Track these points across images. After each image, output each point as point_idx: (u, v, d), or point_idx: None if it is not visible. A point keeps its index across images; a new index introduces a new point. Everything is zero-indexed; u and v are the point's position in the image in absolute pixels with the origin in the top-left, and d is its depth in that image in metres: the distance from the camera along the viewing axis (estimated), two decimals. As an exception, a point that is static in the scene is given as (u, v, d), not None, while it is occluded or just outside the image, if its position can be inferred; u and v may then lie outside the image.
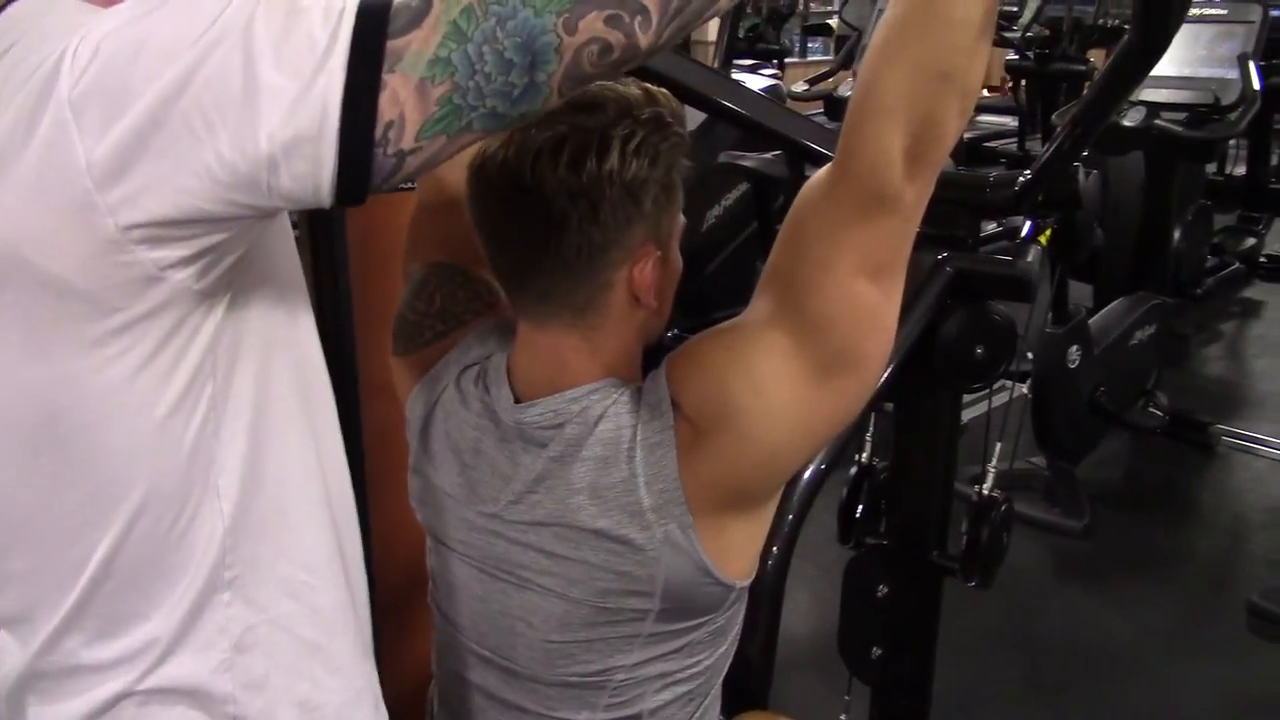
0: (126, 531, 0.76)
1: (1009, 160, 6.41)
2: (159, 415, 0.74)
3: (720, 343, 0.98)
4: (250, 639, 0.82)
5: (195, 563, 0.79)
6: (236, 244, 0.73)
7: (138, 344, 0.72)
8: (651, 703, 1.06)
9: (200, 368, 0.75)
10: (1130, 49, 1.19)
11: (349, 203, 0.70)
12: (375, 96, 0.66)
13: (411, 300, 1.17)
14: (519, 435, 1.02)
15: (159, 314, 0.71)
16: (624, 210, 0.95)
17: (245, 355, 0.79)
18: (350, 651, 0.90)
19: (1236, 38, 3.79)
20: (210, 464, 0.78)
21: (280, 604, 0.84)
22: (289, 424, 0.84)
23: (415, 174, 0.71)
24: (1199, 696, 2.59)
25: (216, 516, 0.79)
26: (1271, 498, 3.55)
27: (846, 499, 1.76)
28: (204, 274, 0.72)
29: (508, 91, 0.68)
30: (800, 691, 2.30)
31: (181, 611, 0.79)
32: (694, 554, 0.98)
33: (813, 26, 8.80)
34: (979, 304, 1.53)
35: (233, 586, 0.81)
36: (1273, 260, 5.70)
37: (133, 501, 0.76)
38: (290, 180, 0.67)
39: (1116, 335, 3.48)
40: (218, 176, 0.66)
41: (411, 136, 0.68)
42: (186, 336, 0.74)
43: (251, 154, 0.65)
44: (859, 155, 0.87)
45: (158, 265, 0.69)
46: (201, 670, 0.81)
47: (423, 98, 0.67)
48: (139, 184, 0.66)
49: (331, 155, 0.66)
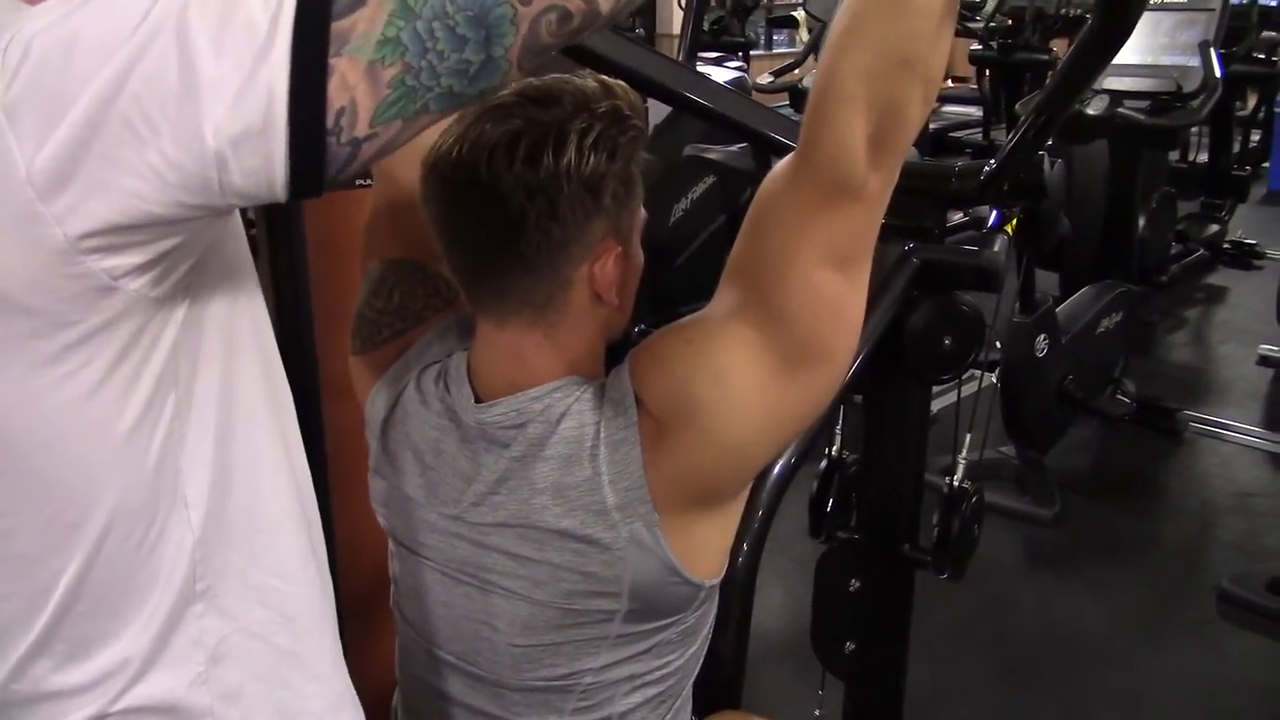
0: (95, 551, 0.74)
1: (974, 150, 6.45)
2: (122, 429, 0.72)
3: (683, 337, 0.96)
4: (224, 649, 0.80)
5: (166, 577, 0.76)
6: (191, 247, 0.70)
7: (96, 357, 0.69)
8: (621, 706, 1.04)
9: (162, 377, 0.72)
10: (1093, 36, 1.19)
11: (305, 195, 0.66)
12: (323, 83, 0.62)
13: (369, 298, 1.14)
14: (481, 435, 1.00)
15: (116, 325, 0.68)
16: (583, 206, 0.93)
17: (207, 360, 0.76)
18: (328, 657, 0.88)
19: (1197, 25, 3.82)
20: (177, 474, 0.75)
21: (253, 612, 0.81)
22: (256, 427, 0.82)
23: (373, 160, 0.68)
24: (1170, 682, 2.61)
25: (185, 528, 0.76)
26: (1238, 483, 3.58)
27: (817, 493, 1.75)
28: (160, 281, 0.69)
29: (464, 69, 0.65)
30: (773, 688, 2.29)
31: (154, 628, 0.77)
32: (661, 553, 0.96)
33: (778, 19, 8.80)
34: (946, 295, 1.53)
35: (205, 597, 0.78)
36: (1236, 246, 5.78)
37: (99, 520, 0.73)
38: (241, 176, 0.64)
39: (1084, 323, 3.50)
40: (166, 177, 0.63)
41: (365, 123, 0.65)
42: (146, 346, 0.71)
43: (198, 152, 0.62)
44: (821, 144, 0.86)
45: (111, 275, 0.66)
46: (178, 685, 0.78)
47: (374, 81, 0.64)
48: (84, 191, 0.63)
49: (282, 147, 0.63)
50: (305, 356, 1.64)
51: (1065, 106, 1.35)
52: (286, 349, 0.91)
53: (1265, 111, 6.78)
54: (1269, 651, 2.75)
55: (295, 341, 1.64)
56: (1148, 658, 2.70)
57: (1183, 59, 3.80)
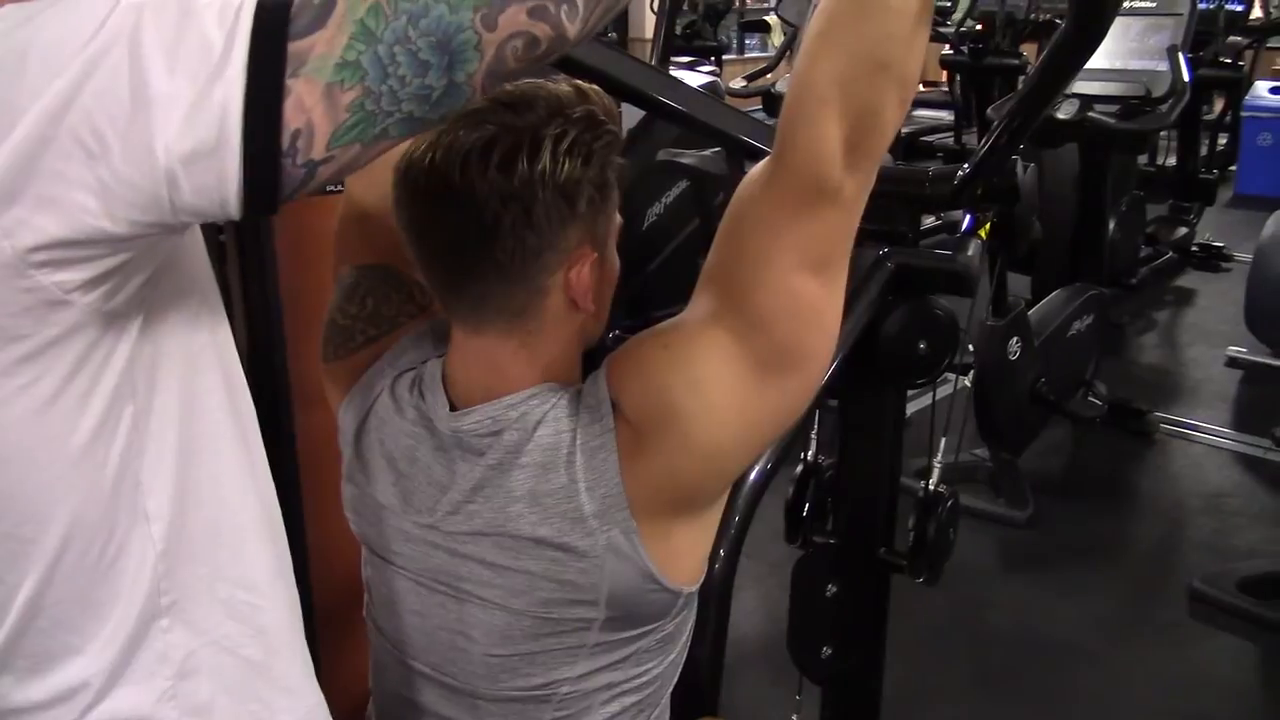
0: (53, 565, 0.72)
1: (945, 154, 6.48)
2: (78, 442, 0.70)
3: (659, 342, 0.96)
4: (193, 664, 0.78)
5: (128, 591, 0.75)
6: (144, 263, 0.69)
7: (49, 371, 0.68)
8: (599, 715, 1.03)
9: (118, 390, 0.71)
10: (1066, 39, 1.19)
11: (259, 215, 0.66)
12: (279, 104, 0.61)
13: (342, 304, 1.13)
14: (456, 444, 0.99)
15: (69, 339, 0.67)
16: (558, 212, 0.92)
17: (166, 372, 0.75)
18: (298, 670, 0.87)
19: (1166, 30, 3.86)
20: (137, 488, 0.74)
21: (222, 625, 0.80)
22: (219, 440, 0.80)
23: (330, 182, 0.67)
24: (1143, 681, 2.63)
25: (147, 541, 0.75)
26: (1208, 483, 3.61)
27: (793, 497, 1.75)
28: (112, 295, 0.68)
29: (425, 95, 0.65)
30: (750, 693, 2.29)
31: (118, 643, 0.75)
32: (638, 560, 0.95)
33: (750, 23, 8.84)
34: (921, 299, 1.53)
35: (170, 612, 0.77)
36: (1204, 249, 5.84)
37: (56, 534, 0.72)
38: (193, 194, 0.62)
39: (1055, 326, 3.52)
40: (116, 194, 0.61)
41: (322, 146, 0.64)
42: (100, 360, 0.70)
43: (149, 168, 0.61)
44: (797, 147, 0.85)
45: (61, 289, 0.65)
46: (144, 701, 0.77)
47: (331, 104, 0.62)
48: (33, 205, 0.61)
49: (235, 168, 0.62)
50: (276, 365, 1.63)
51: (1039, 110, 1.35)
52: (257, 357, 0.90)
53: (1232, 116, 6.88)
54: (1240, 650, 2.78)
55: (266, 349, 1.62)
56: (1120, 658, 2.72)
57: (1151, 64, 3.85)
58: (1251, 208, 6.66)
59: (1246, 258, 4.60)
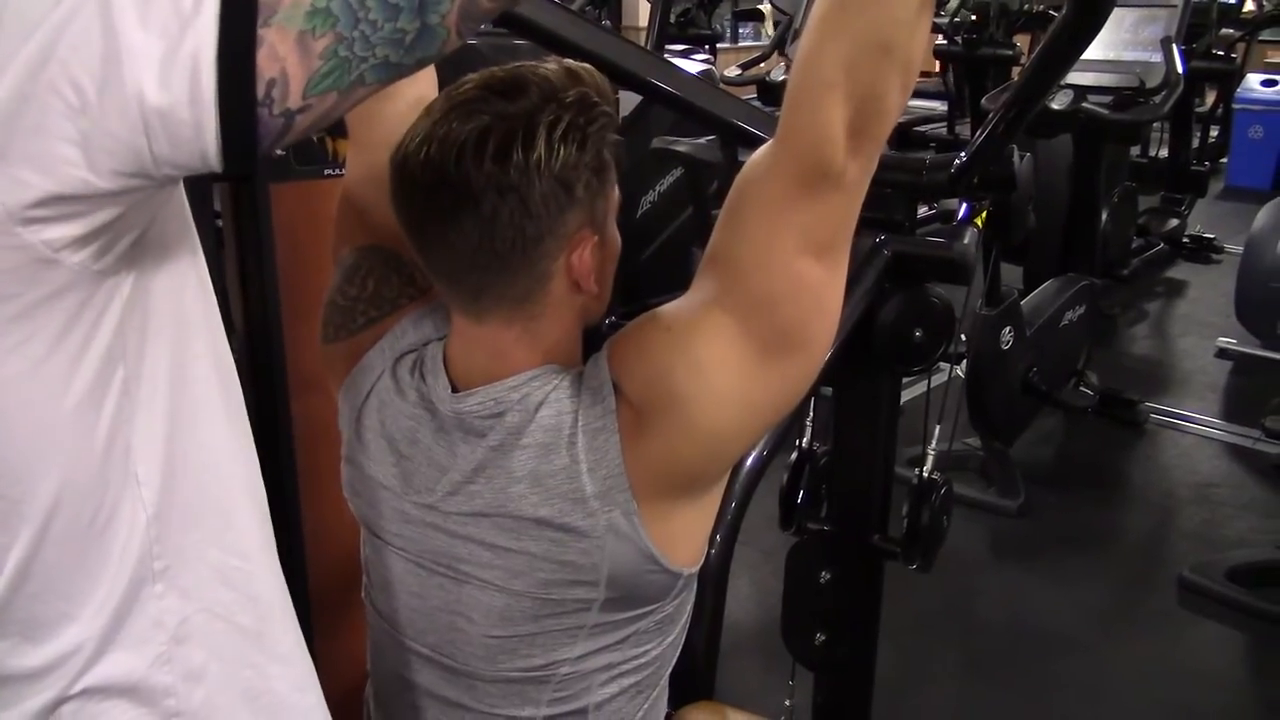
0: (43, 529, 0.72)
1: (939, 144, 6.48)
2: (69, 405, 0.70)
3: (661, 324, 0.96)
4: (186, 630, 0.78)
5: (119, 555, 0.75)
6: (132, 221, 0.69)
7: (39, 332, 0.67)
8: (598, 696, 1.04)
9: (109, 352, 0.71)
10: (1065, 27, 1.19)
11: (240, 168, 0.65)
12: (252, 53, 0.61)
13: (343, 285, 1.13)
14: (458, 425, 0.99)
15: (58, 298, 0.67)
16: (556, 200, 0.92)
17: (156, 336, 0.75)
18: (291, 638, 0.87)
19: (1159, 21, 3.87)
20: (128, 451, 0.74)
21: (215, 592, 0.80)
22: (207, 407, 0.80)
23: (310, 131, 0.67)
24: (1133, 669, 2.64)
25: (138, 505, 0.75)
26: (1198, 473, 3.63)
27: (787, 484, 1.75)
28: (102, 254, 0.68)
29: (398, 38, 0.64)
30: (744, 679, 2.30)
31: (110, 608, 0.75)
32: (639, 541, 0.95)
33: (744, 11, 8.82)
34: (917, 287, 1.53)
35: (164, 577, 0.77)
36: (1195, 240, 5.86)
37: (46, 497, 0.71)
38: (171, 147, 0.62)
39: (1048, 316, 3.53)
40: (97, 145, 0.61)
41: (298, 94, 0.63)
42: (91, 320, 0.69)
43: (127, 120, 0.61)
44: (800, 130, 0.85)
45: (50, 247, 0.64)
46: (138, 666, 0.77)
47: (305, 52, 0.62)
48: (18, 161, 0.61)
49: (211, 119, 0.62)
50: (273, 348, 1.62)
51: (1036, 99, 1.36)
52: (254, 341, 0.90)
53: (1224, 108, 6.90)
54: (1229, 639, 2.80)
55: (263, 333, 1.62)
56: (1110, 646, 2.73)
57: (1145, 55, 3.85)
58: (1242, 200, 6.69)
59: (1237, 249, 4.63)
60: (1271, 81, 7.41)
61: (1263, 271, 4.12)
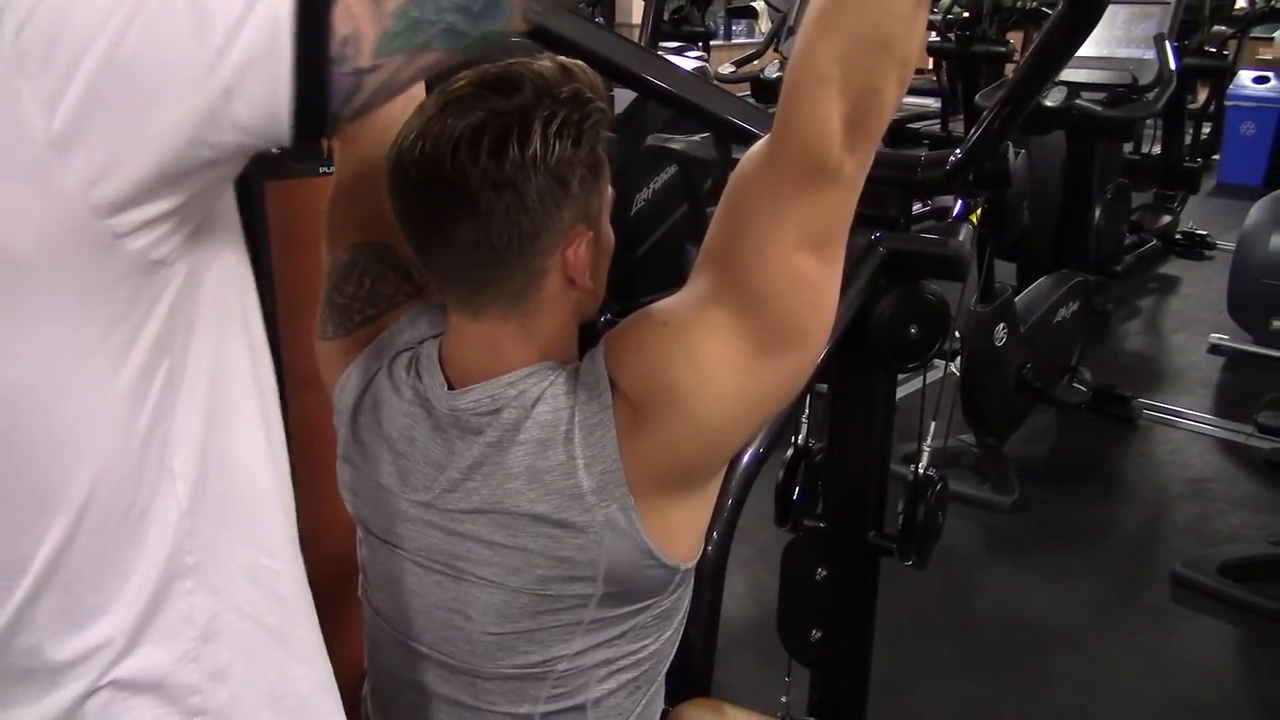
0: (78, 518, 0.72)
1: (932, 141, 6.49)
2: (115, 393, 0.70)
3: (658, 319, 0.96)
4: (215, 627, 0.78)
5: (152, 549, 0.75)
6: (195, 209, 0.69)
7: (93, 318, 0.68)
8: (595, 692, 1.04)
9: (158, 343, 0.71)
10: (1060, 23, 1.19)
11: (310, 133, 0.66)
12: (328, 10, 0.62)
13: (339, 283, 1.13)
14: (454, 423, 0.99)
15: (115, 285, 0.67)
16: (551, 196, 0.92)
17: (202, 331, 0.75)
18: (313, 639, 0.87)
19: (1152, 18, 3.87)
20: (165, 444, 0.74)
21: (244, 591, 0.80)
22: (244, 404, 0.80)
23: (376, 97, 0.68)
24: (1126, 664, 2.65)
25: (172, 499, 0.75)
26: (1191, 468, 3.64)
27: (783, 481, 1.75)
28: (162, 242, 0.68)
29: (467, 6, 0.66)
30: (740, 675, 2.30)
31: (142, 601, 0.75)
32: (636, 536, 0.96)
33: (737, 9, 8.82)
34: (913, 284, 1.53)
35: (195, 573, 0.77)
36: (1188, 237, 5.88)
37: (84, 484, 0.71)
38: (246, 107, 0.63)
39: (1041, 313, 3.54)
40: (176, 114, 0.62)
41: (369, 53, 0.65)
42: (143, 310, 0.70)
43: (205, 84, 0.62)
44: (798, 125, 0.85)
45: (115, 232, 0.65)
46: (164, 661, 0.77)
47: (378, 11, 0.64)
48: (95, 135, 0.62)
49: (287, 75, 0.63)
50: (269, 346, 1.62)
51: (1032, 95, 1.36)
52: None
53: (1216, 105, 6.91)
54: (1221, 633, 2.81)
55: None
56: (1104, 641, 2.74)
57: (1138, 52, 3.85)
58: (1234, 196, 6.71)
59: (1229, 246, 4.63)
60: (1263, 78, 7.43)
61: (1255, 267, 4.13)
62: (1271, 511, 3.26)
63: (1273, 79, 7.39)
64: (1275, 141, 7.33)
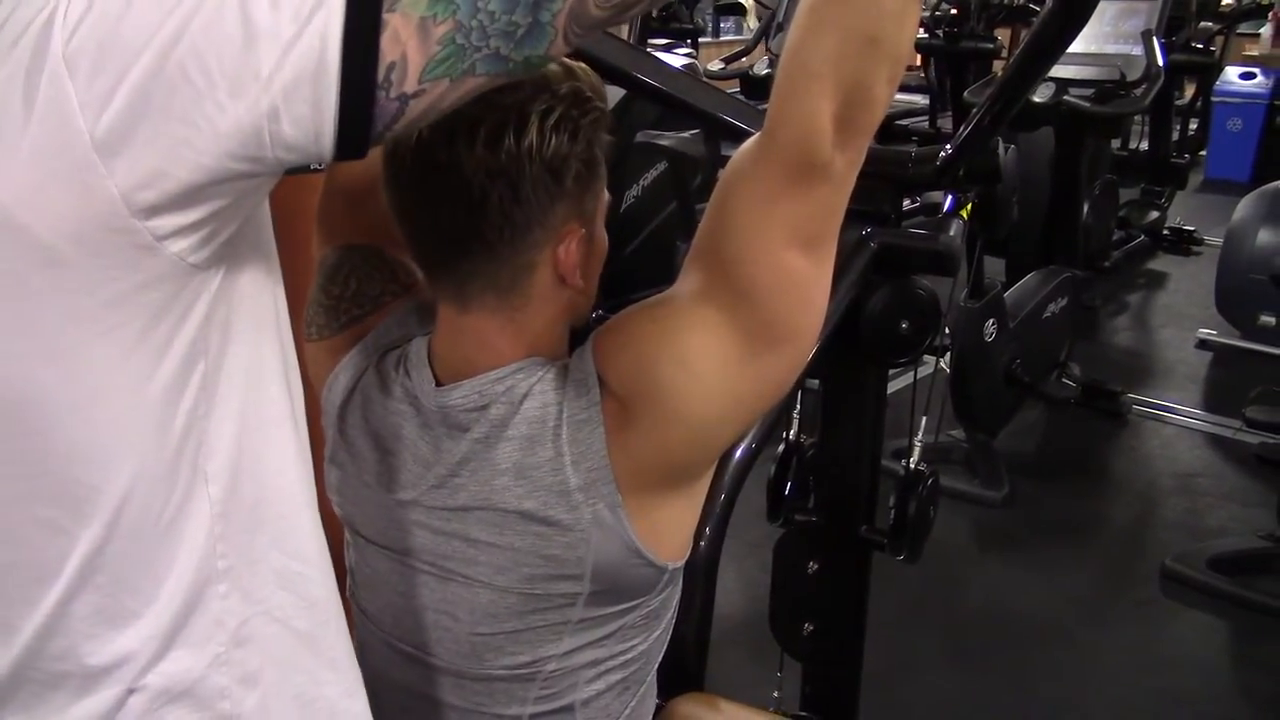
0: (114, 520, 0.72)
1: (921, 138, 6.50)
2: (151, 395, 0.70)
3: (647, 316, 0.96)
4: (246, 632, 0.78)
5: (186, 552, 0.74)
6: (233, 214, 0.69)
7: (132, 319, 0.68)
8: (584, 693, 1.03)
9: (194, 345, 0.71)
10: (1053, 17, 1.20)
11: (350, 153, 0.66)
12: (376, 35, 0.63)
13: (325, 284, 1.12)
14: (442, 420, 0.99)
15: (152, 287, 0.67)
16: (546, 188, 0.92)
17: (236, 335, 0.75)
18: (342, 643, 0.87)
19: (1140, 14, 3.88)
20: (199, 447, 0.73)
21: (275, 595, 0.80)
22: (277, 408, 0.80)
23: (417, 120, 0.68)
24: (1117, 659, 2.66)
25: (205, 503, 0.75)
26: (1180, 463, 3.66)
27: (775, 476, 1.76)
28: (201, 246, 0.68)
29: (511, 31, 0.66)
30: (732, 669, 2.30)
31: (176, 605, 0.75)
32: (623, 534, 0.95)
33: (726, 5, 8.82)
34: (904, 279, 1.54)
35: (227, 577, 0.76)
36: (1175, 233, 5.90)
37: (119, 487, 0.71)
38: (291, 126, 0.63)
39: (1030, 308, 3.55)
40: (220, 129, 0.63)
41: (415, 79, 0.65)
42: (180, 313, 0.70)
43: (252, 100, 0.62)
44: (788, 122, 0.85)
45: (154, 234, 0.65)
46: (197, 665, 0.76)
47: (425, 37, 0.64)
48: (139, 142, 0.62)
49: (333, 97, 0.63)
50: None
51: (1023, 90, 1.36)
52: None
53: (1203, 100, 6.93)
54: (1211, 627, 2.82)
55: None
56: (1094, 635, 2.75)
57: (1126, 48, 3.86)
58: (1222, 192, 6.73)
59: (1217, 241, 4.66)
60: (1250, 74, 7.46)
61: (1242, 263, 4.15)
62: (1260, 505, 3.27)
63: (1259, 75, 7.43)
64: (1262, 137, 7.37)
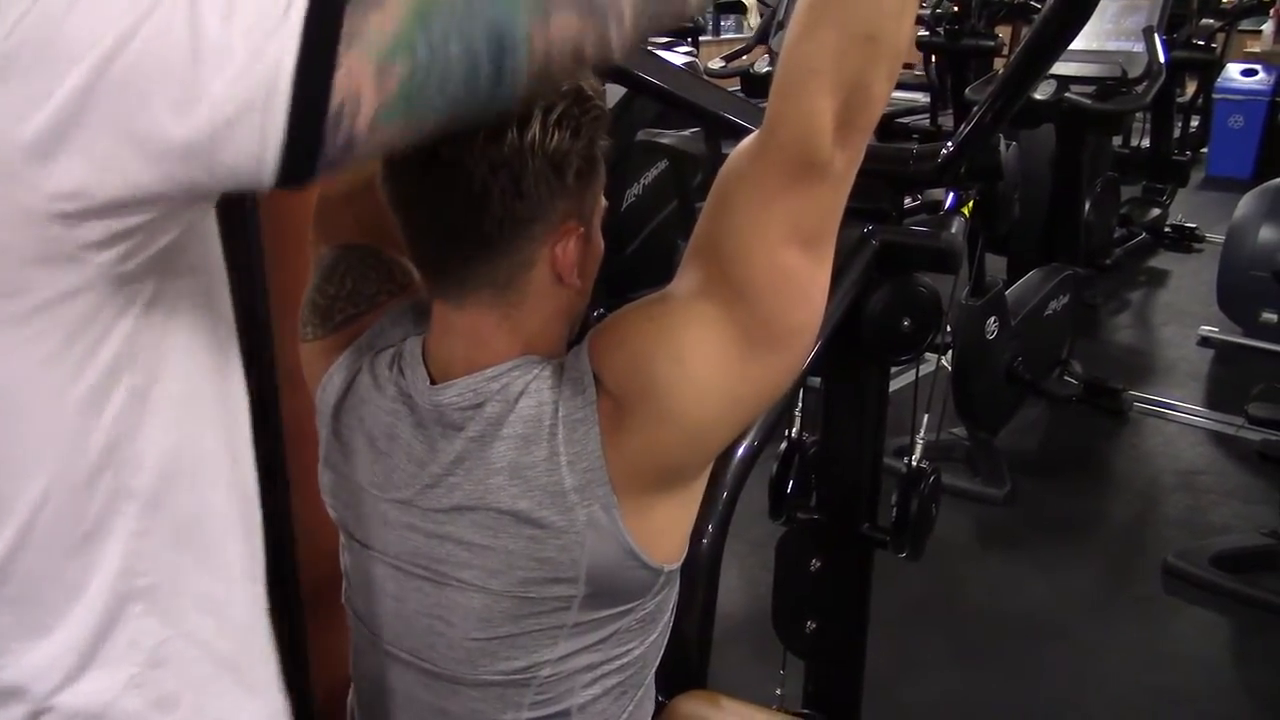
0: (26, 530, 0.70)
1: (921, 135, 6.49)
2: (72, 405, 0.69)
3: (643, 314, 0.95)
4: (163, 654, 0.77)
5: (103, 568, 0.73)
6: (165, 228, 0.68)
7: (55, 327, 0.66)
8: (580, 698, 1.03)
9: (119, 358, 0.70)
10: (1054, 14, 1.19)
11: (292, 184, 0.65)
12: (330, 73, 0.61)
13: (321, 284, 1.12)
14: (437, 419, 0.99)
15: (77, 296, 0.66)
16: (547, 183, 0.91)
17: (171, 353, 0.74)
18: (268, 671, 0.86)
19: (1141, 11, 3.87)
20: (124, 463, 0.72)
21: (195, 618, 0.78)
22: (212, 428, 0.79)
23: (367, 158, 0.67)
24: (1119, 656, 2.66)
25: (127, 519, 0.73)
26: (1182, 460, 3.65)
27: (777, 474, 1.75)
28: (127, 257, 0.67)
29: (472, 83, 0.65)
30: (734, 667, 2.30)
31: (90, 622, 0.73)
32: (618, 536, 0.95)
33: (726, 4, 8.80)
34: (905, 277, 1.53)
35: (145, 597, 0.75)
36: (1177, 230, 5.89)
37: (34, 494, 0.70)
38: (232, 153, 0.62)
39: (1032, 306, 3.55)
40: (156, 145, 0.61)
41: (366, 121, 0.64)
42: (105, 323, 0.68)
43: (192, 121, 0.60)
44: (787, 121, 0.85)
45: (78, 244, 0.64)
46: (110, 687, 0.75)
47: (381, 81, 0.63)
48: (72, 154, 0.60)
49: (279, 129, 0.61)
50: (261, 345, 1.61)
51: (1024, 88, 1.36)
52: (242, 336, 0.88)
53: (1204, 98, 6.91)
54: (1213, 624, 2.82)
55: (251, 329, 1.60)
56: (1096, 632, 2.75)
57: (1127, 45, 3.86)
58: (1223, 189, 6.71)
59: (1218, 238, 4.65)
60: (1251, 71, 7.44)
61: (1244, 260, 4.15)
62: (1262, 502, 3.27)
63: (1261, 72, 7.41)
64: (1263, 134, 7.34)
